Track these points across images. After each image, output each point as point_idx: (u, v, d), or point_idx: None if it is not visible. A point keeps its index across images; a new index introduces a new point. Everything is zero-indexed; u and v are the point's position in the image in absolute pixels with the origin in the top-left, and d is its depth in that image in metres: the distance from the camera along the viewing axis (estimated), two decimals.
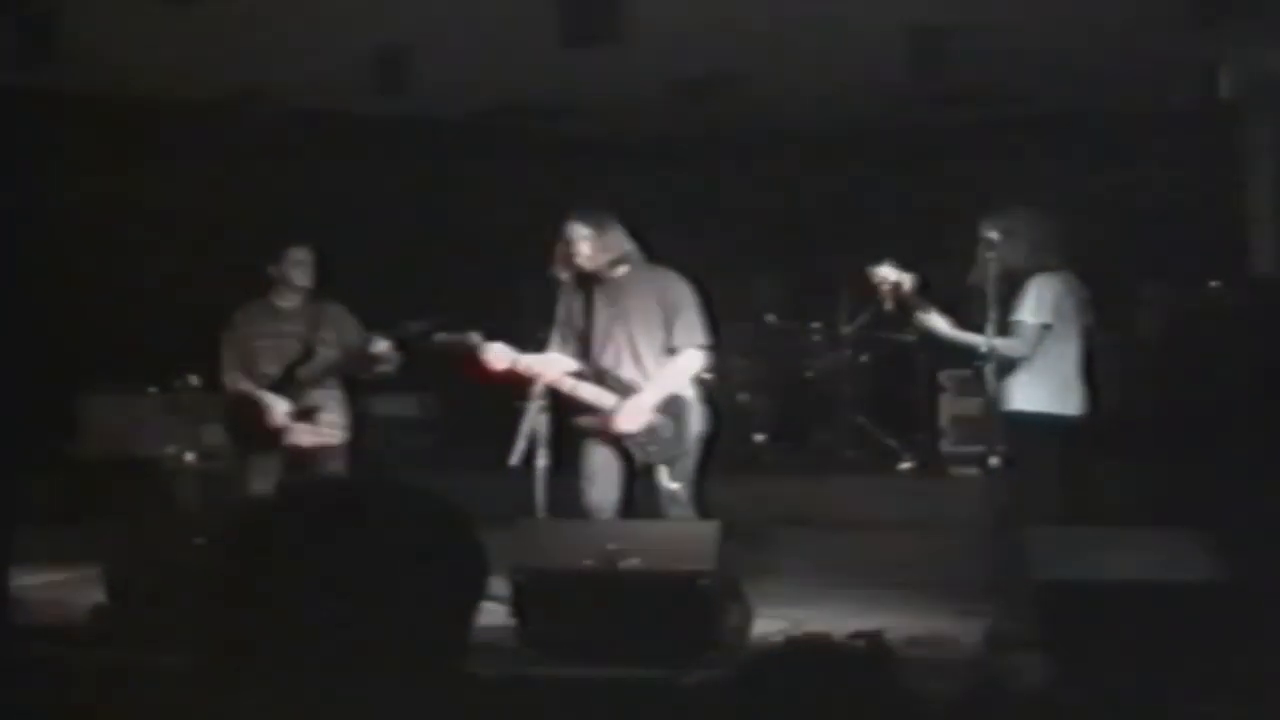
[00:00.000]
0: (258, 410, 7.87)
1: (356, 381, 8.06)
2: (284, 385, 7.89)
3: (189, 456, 9.70)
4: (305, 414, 7.87)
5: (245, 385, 7.92)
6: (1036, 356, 7.17)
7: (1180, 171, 10.60)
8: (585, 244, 7.12)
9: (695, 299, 7.18)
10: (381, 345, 7.78)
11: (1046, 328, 7.16)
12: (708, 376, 7.26)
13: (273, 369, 7.92)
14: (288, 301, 8.04)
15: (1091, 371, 7.32)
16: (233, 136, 10.38)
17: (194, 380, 9.44)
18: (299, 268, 8.01)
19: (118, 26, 9.07)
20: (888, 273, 7.18)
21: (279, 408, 7.85)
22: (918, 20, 9.31)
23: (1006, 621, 6.49)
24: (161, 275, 10.38)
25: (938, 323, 7.23)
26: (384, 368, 7.86)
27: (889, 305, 7.32)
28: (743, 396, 10.77)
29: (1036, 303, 7.16)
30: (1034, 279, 7.19)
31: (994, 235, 7.10)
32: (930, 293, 7.32)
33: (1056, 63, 9.89)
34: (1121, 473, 8.25)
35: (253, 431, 7.88)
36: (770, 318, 11.13)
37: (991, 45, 9.43)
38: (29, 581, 7.66)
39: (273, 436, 7.84)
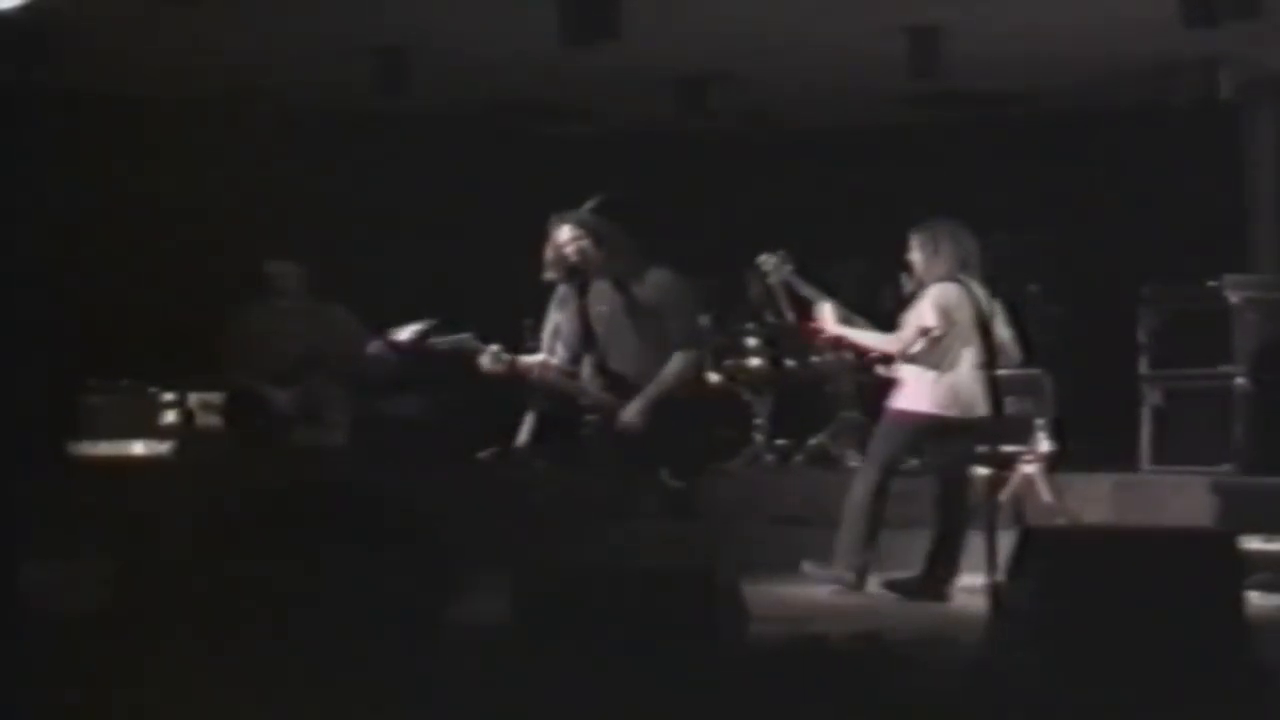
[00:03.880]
0: (257, 409, 7.87)
1: (355, 382, 8.06)
2: (283, 385, 7.89)
3: (188, 456, 9.69)
4: (305, 415, 7.87)
5: (245, 384, 7.92)
6: (927, 360, 7.51)
7: (1180, 171, 10.58)
8: (573, 245, 7.09)
9: (692, 298, 7.17)
10: (381, 346, 7.79)
11: (926, 332, 7.53)
12: (706, 376, 7.26)
13: (272, 369, 7.93)
14: (288, 301, 8.05)
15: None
16: (233, 136, 10.38)
17: (194, 380, 9.43)
18: (283, 279, 8.05)
19: (118, 26, 9.08)
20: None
21: (281, 400, 7.84)
22: (916, 20, 9.31)
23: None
24: (161, 275, 10.37)
25: (825, 312, 7.77)
26: (382, 369, 7.86)
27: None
28: (743, 396, 10.75)
29: (922, 307, 7.60)
30: (930, 287, 7.60)
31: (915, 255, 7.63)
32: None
33: (1056, 62, 9.89)
34: None
35: (252, 431, 7.89)
36: (770, 317, 11.11)
37: (990, 45, 9.43)
38: (29, 581, 7.65)
39: (271, 436, 7.85)
